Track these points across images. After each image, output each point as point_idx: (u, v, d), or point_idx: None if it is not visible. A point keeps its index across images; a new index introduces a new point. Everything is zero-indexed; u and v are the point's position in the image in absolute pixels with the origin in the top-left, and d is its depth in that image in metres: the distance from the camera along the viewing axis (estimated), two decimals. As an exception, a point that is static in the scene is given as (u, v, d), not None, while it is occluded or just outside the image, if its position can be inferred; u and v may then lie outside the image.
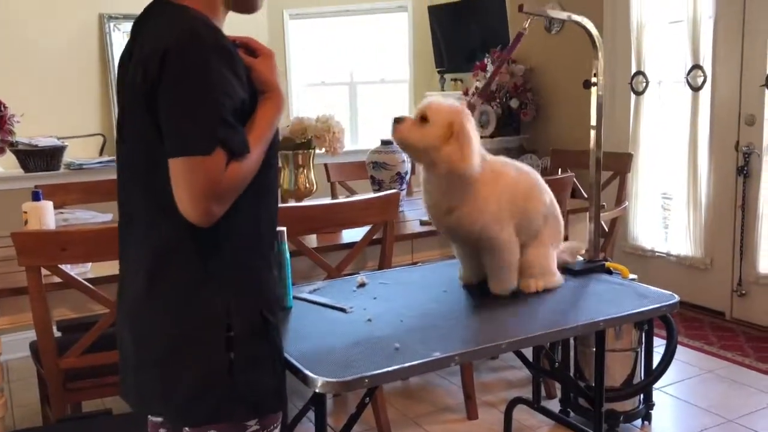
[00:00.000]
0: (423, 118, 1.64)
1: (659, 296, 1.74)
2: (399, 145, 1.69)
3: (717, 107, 3.89)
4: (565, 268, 1.91)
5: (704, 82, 3.92)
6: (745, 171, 3.75)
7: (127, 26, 4.86)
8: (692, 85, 3.98)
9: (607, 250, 3.53)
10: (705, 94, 3.93)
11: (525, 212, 1.74)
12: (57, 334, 2.44)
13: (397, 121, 1.66)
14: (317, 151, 2.93)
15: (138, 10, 1.27)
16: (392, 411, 2.89)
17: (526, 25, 1.82)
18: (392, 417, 2.80)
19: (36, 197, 2.27)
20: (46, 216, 2.27)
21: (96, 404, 2.67)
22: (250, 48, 1.29)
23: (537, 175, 1.81)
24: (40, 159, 3.96)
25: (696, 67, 3.95)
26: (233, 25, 1.32)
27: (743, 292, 3.83)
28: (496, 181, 1.69)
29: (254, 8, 1.34)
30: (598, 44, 1.92)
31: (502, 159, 1.77)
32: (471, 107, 1.72)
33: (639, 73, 4.29)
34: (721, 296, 3.97)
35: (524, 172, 1.78)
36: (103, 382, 2.19)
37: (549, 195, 1.82)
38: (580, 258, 2.04)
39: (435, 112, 1.63)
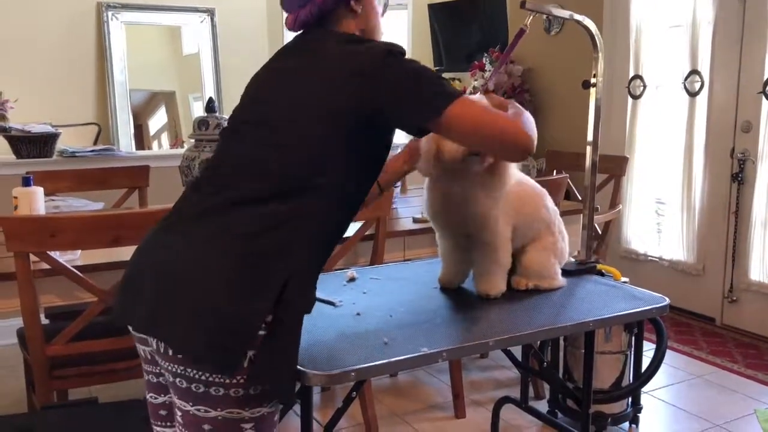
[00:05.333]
0: None
1: (650, 298, 1.74)
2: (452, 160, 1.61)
3: (713, 113, 3.89)
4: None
5: (701, 87, 3.92)
6: (740, 178, 3.75)
7: (126, 16, 4.84)
8: (689, 90, 3.98)
9: (600, 252, 3.53)
10: (702, 99, 3.93)
11: (526, 216, 1.75)
12: (44, 321, 2.42)
13: None
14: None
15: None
16: (380, 407, 2.88)
17: (528, 22, 1.81)
18: (380, 413, 2.79)
19: (27, 183, 2.25)
20: (37, 202, 2.25)
21: (82, 392, 2.67)
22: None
23: (541, 188, 1.83)
24: (32, 145, 3.95)
25: (694, 72, 3.95)
26: (233, 20, 1.31)
27: (734, 298, 3.84)
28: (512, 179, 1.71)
29: None
30: (598, 44, 1.91)
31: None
32: None
33: (637, 76, 4.29)
34: (712, 302, 3.97)
35: (530, 180, 1.81)
36: (90, 371, 2.17)
37: (552, 205, 1.83)
38: (572, 259, 2.04)
39: None
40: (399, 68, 1.30)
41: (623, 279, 2.20)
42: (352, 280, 1.88)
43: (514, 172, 1.71)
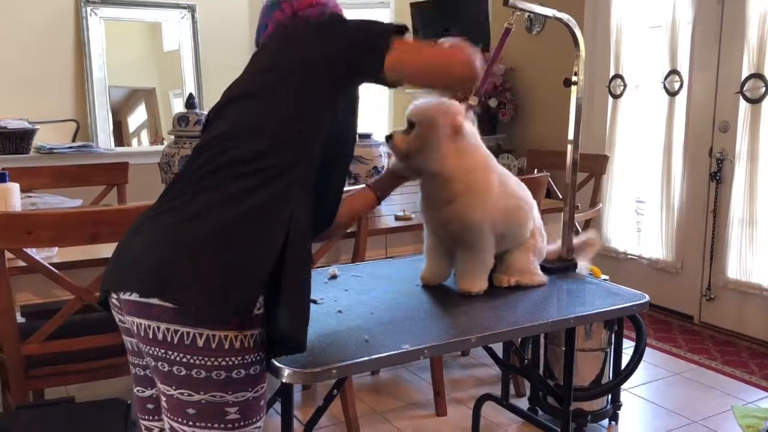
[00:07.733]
0: (410, 125, 1.64)
1: (630, 295, 1.75)
2: (398, 158, 1.69)
3: (692, 113, 3.93)
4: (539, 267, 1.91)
5: (681, 87, 3.96)
6: (718, 177, 3.79)
7: (105, 11, 4.78)
8: (669, 90, 4.02)
9: (580, 250, 3.54)
10: (681, 99, 3.97)
11: (518, 227, 1.76)
12: (20, 319, 2.39)
13: (389, 138, 1.66)
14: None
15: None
16: (361, 405, 2.87)
17: (512, 21, 1.81)
18: (361, 411, 2.78)
19: (2, 179, 2.21)
20: (12, 198, 2.21)
21: (59, 392, 2.63)
22: None
23: (532, 200, 1.84)
24: (8, 141, 3.89)
25: (673, 72, 3.98)
26: (214, 16, 1.31)
27: (712, 296, 3.88)
28: (500, 187, 1.70)
29: None
30: (580, 42, 1.92)
31: (506, 171, 1.79)
32: (469, 107, 1.70)
33: (617, 76, 4.32)
34: (690, 300, 4.01)
35: (524, 192, 1.80)
36: (66, 370, 2.14)
37: (538, 214, 1.86)
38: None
39: (418, 115, 1.64)
40: (344, 25, 1.47)
41: (603, 277, 2.21)
42: (333, 277, 1.87)
43: (441, 152, 1.65)
